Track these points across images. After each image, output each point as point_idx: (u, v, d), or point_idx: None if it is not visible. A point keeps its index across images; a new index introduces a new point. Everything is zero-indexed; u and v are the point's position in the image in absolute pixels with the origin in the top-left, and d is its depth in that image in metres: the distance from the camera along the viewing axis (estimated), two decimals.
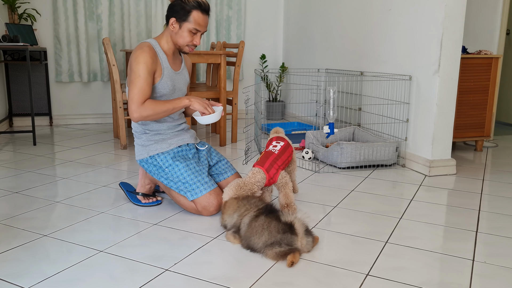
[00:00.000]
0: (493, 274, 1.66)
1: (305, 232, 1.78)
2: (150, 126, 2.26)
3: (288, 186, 2.20)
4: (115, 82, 3.60)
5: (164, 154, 2.23)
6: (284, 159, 2.26)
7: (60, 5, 4.49)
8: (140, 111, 2.10)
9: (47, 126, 4.69)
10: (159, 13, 4.82)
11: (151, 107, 2.11)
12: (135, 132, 2.31)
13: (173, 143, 2.26)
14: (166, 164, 2.22)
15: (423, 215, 2.26)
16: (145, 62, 2.12)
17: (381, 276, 1.63)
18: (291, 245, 1.71)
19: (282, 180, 2.19)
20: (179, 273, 1.63)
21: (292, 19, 5.20)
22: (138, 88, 2.10)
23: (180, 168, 2.19)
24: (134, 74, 2.12)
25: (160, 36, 2.27)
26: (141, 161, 2.29)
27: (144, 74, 2.12)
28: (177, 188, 2.20)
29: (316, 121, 4.53)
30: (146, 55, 2.13)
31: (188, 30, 2.19)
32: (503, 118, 5.16)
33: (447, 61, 2.89)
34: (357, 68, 3.88)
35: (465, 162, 3.35)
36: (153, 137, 2.26)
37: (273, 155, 2.21)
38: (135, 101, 2.10)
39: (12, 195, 2.48)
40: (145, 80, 2.12)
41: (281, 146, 2.30)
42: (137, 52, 2.14)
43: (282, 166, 2.22)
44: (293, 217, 1.78)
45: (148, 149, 2.25)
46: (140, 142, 2.29)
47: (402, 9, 3.24)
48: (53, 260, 1.72)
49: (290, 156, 2.33)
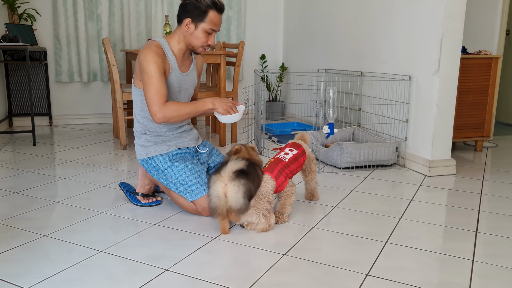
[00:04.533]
0: (493, 274, 1.66)
1: (234, 175, 1.85)
2: (151, 127, 2.25)
3: (291, 197, 2.13)
4: (115, 82, 3.60)
5: (162, 156, 2.22)
6: (293, 168, 2.18)
7: (60, 5, 4.49)
8: (164, 112, 2.06)
9: (47, 126, 4.69)
10: (159, 13, 4.82)
11: (174, 108, 2.08)
12: (136, 131, 2.31)
13: (172, 145, 2.25)
14: (165, 166, 2.21)
15: (423, 215, 2.26)
16: (155, 61, 2.08)
17: (381, 276, 1.63)
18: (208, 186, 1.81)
19: (289, 189, 2.13)
20: (179, 273, 1.63)
21: (292, 19, 5.21)
22: (154, 89, 2.06)
23: (179, 170, 2.19)
24: (147, 74, 2.07)
25: (171, 36, 2.22)
26: (141, 160, 2.29)
27: (157, 74, 2.07)
28: (177, 189, 2.20)
29: (316, 121, 4.53)
30: (154, 54, 2.09)
31: (204, 30, 2.14)
32: (503, 118, 5.16)
33: (447, 61, 2.89)
34: (357, 68, 3.88)
35: (465, 162, 3.35)
36: (152, 138, 2.25)
37: (282, 163, 2.14)
38: (155, 102, 2.06)
39: (12, 195, 2.48)
40: (159, 79, 2.07)
41: (294, 155, 2.21)
42: (145, 51, 2.10)
43: (290, 175, 2.16)
44: (236, 158, 1.92)
45: (147, 150, 2.24)
46: (140, 142, 2.28)
47: (402, 9, 3.24)
48: (53, 260, 1.72)
49: (301, 166, 2.24)
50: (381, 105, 3.49)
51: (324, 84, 4.34)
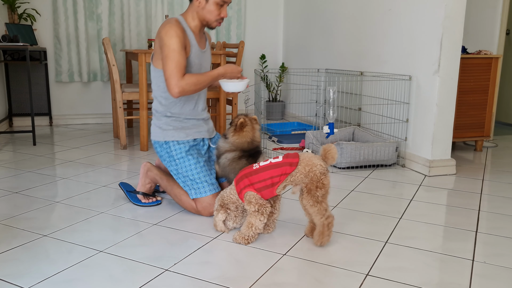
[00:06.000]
0: (493, 274, 1.66)
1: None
2: (173, 108, 2.23)
3: (251, 218, 1.84)
4: (115, 82, 3.60)
5: (179, 145, 2.21)
6: (261, 178, 1.82)
7: (60, 5, 4.49)
8: (182, 85, 2.06)
9: (47, 126, 4.69)
10: (159, 13, 4.82)
11: (191, 79, 2.08)
12: (156, 111, 2.28)
13: (190, 134, 2.24)
14: (179, 155, 2.20)
15: (423, 215, 2.26)
16: (177, 36, 2.07)
17: (381, 276, 1.63)
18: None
19: (249, 206, 1.84)
20: (179, 273, 1.63)
21: (292, 19, 5.20)
22: (175, 62, 2.05)
23: (191, 164, 2.18)
24: (168, 48, 2.06)
25: (185, 14, 2.22)
26: (156, 142, 2.27)
27: (178, 47, 2.06)
28: (183, 182, 2.20)
29: (316, 121, 4.53)
30: (176, 28, 2.08)
31: (215, 3, 2.14)
32: (503, 118, 5.16)
33: (447, 61, 2.89)
34: (357, 68, 3.88)
35: (465, 162, 3.35)
36: (173, 122, 2.24)
37: (247, 170, 1.88)
38: (174, 75, 2.05)
39: (12, 195, 2.48)
40: (179, 53, 2.07)
41: (271, 163, 1.84)
42: (167, 26, 2.09)
43: (253, 187, 1.83)
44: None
45: (164, 134, 2.23)
46: (158, 123, 2.26)
47: (402, 9, 3.24)
48: (53, 260, 1.72)
49: (278, 179, 1.80)
50: (381, 105, 3.49)
51: (324, 84, 4.34)
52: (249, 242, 1.88)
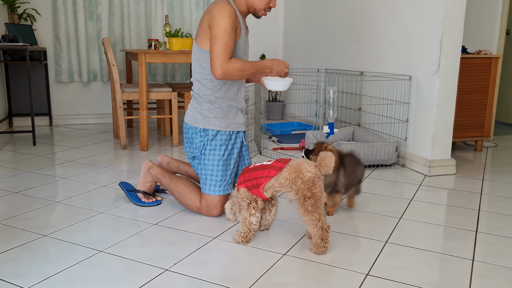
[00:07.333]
0: (493, 274, 1.66)
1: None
2: (219, 92, 2.13)
3: (243, 216, 1.90)
4: (115, 82, 3.60)
5: (217, 136, 2.13)
6: (251, 177, 1.87)
7: (60, 5, 4.49)
8: (228, 68, 1.97)
9: (47, 126, 4.69)
10: (159, 13, 4.82)
11: (237, 64, 2.00)
12: (198, 96, 2.17)
13: (231, 124, 2.16)
14: (212, 145, 2.13)
15: (423, 215, 2.26)
16: (230, 16, 1.98)
17: (381, 276, 1.63)
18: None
19: (241, 201, 1.91)
20: (179, 273, 1.63)
21: (292, 19, 5.20)
22: (224, 43, 1.97)
23: (218, 159, 2.12)
24: (219, 28, 1.97)
25: None
26: (192, 127, 2.18)
27: (230, 29, 1.98)
28: (201, 173, 2.16)
29: (316, 121, 4.53)
30: (231, 8, 2.00)
31: None
32: (503, 118, 5.16)
33: (447, 61, 2.89)
34: (357, 68, 3.88)
35: (465, 162, 3.35)
36: (215, 110, 2.14)
37: (247, 167, 1.94)
38: (221, 56, 1.96)
39: (12, 195, 2.48)
40: (230, 35, 1.98)
41: (262, 164, 1.90)
42: (220, 5, 2.00)
43: (247, 184, 1.88)
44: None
45: (206, 122, 2.14)
46: (200, 109, 2.16)
47: (402, 9, 3.24)
48: (53, 260, 1.72)
49: (264, 179, 1.84)
50: (381, 105, 3.49)
51: (324, 84, 4.34)
52: (248, 241, 1.88)
